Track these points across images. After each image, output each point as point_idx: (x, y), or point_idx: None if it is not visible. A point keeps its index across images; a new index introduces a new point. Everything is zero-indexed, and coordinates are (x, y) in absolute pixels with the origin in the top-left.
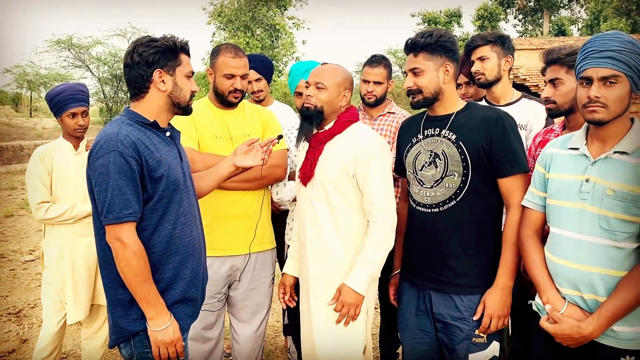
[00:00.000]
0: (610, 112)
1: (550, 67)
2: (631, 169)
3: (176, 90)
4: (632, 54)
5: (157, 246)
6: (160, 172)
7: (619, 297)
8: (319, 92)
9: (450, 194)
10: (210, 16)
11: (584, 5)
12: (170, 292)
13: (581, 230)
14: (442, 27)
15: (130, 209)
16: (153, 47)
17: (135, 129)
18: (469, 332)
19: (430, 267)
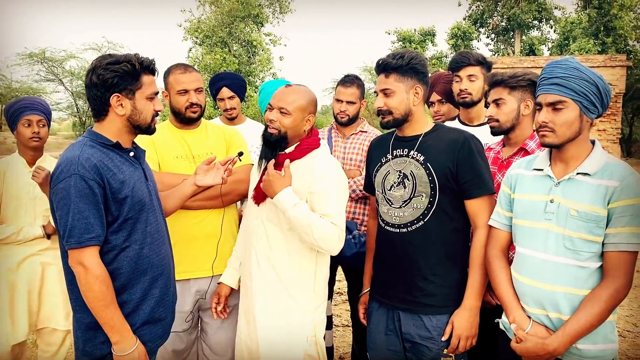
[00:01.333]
0: (559, 136)
1: (494, 88)
2: (593, 190)
3: (135, 114)
4: (577, 79)
5: (125, 267)
6: (124, 193)
7: (582, 315)
8: (282, 117)
9: (418, 214)
10: (187, 32)
11: (554, 26)
12: (139, 313)
13: (546, 250)
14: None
15: (92, 232)
16: (111, 70)
17: (97, 150)
18: (438, 352)
19: (398, 286)
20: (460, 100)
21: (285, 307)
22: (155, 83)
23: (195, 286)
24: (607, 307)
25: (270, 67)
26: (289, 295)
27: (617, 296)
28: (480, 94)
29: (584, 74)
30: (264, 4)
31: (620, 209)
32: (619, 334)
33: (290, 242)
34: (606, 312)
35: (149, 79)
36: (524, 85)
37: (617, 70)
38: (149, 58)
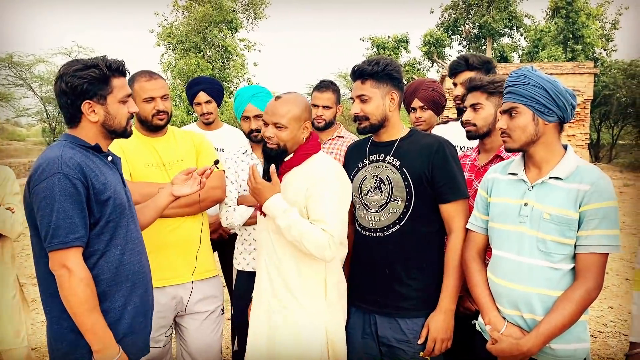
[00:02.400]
0: (516, 140)
1: (471, 93)
2: (565, 193)
3: (109, 119)
4: (525, 85)
5: (106, 273)
6: (107, 195)
7: (555, 316)
8: (279, 132)
9: (394, 218)
10: (159, 37)
11: (524, 34)
12: (121, 322)
13: (520, 253)
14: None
15: (77, 233)
16: (79, 77)
17: (78, 152)
18: (414, 355)
19: (375, 290)
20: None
21: (294, 316)
22: (127, 85)
23: (171, 293)
24: (579, 307)
25: (244, 73)
26: (298, 303)
27: (589, 297)
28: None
29: (532, 79)
30: (238, 9)
31: (591, 212)
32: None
33: (297, 252)
34: (578, 312)
35: (119, 82)
36: (502, 92)
37: (585, 77)
38: (117, 59)
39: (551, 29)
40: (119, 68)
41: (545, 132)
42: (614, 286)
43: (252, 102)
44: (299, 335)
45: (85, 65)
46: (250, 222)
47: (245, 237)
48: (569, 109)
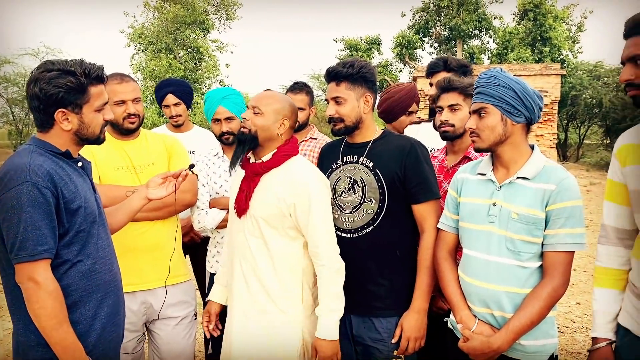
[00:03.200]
0: (484, 140)
1: (448, 93)
2: (532, 193)
3: (83, 128)
4: (494, 86)
5: (77, 283)
6: (77, 204)
7: (524, 313)
8: (255, 117)
9: (368, 219)
10: (130, 38)
11: (493, 36)
12: (91, 333)
13: (489, 252)
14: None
15: (45, 244)
16: (55, 85)
17: (47, 158)
18: (388, 354)
19: (350, 291)
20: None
21: (273, 321)
22: (104, 92)
23: (141, 298)
24: (546, 304)
25: (217, 74)
26: (277, 308)
27: (556, 294)
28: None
29: (501, 80)
30: (209, 10)
31: (557, 211)
32: (558, 329)
33: (274, 255)
34: (546, 309)
35: (97, 90)
36: None
37: (552, 78)
38: (96, 65)
39: (519, 31)
40: (98, 75)
41: (513, 133)
42: (582, 282)
43: (223, 105)
44: (275, 340)
45: (62, 71)
46: (223, 224)
47: (218, 240)
48: (536, 110)
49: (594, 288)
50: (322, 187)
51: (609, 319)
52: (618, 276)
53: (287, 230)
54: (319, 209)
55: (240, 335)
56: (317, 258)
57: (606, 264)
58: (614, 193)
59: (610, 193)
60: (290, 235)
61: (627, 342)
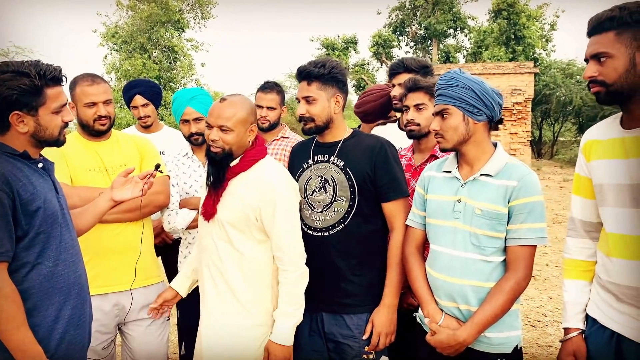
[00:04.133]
0: (448, 140)
1: (414, 92)
2: (495, 189)
3: (39, 131)
4: (454, 87)
5: (37, 286)
6: (36, 205)
7: (488, 306)
8: (224, 135)
9: (339, 217)
10: (103, 37)
11: (468, 35)
12: (53, 337)
13: (455, 247)
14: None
15: (2, 248)
16: (8, 87)
17: (3, 160)
18: (359, 350)
19: (321, 288)
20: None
21: (241, 323)
22: (62, 94)
23: (113, 300)
24: (509, 297)
25: (192, 74)
26: (245, 310)
27: (518, 287)
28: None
29: (460, 81)
30: (184, 9)
31: (518, 207)
32: (530, 324)
33: (242, 259)
34: (509, 302)
35: (54, 92)
36: None
37: (525, 76)
38: (52, 66)
39: (494, 30)
40: (55, 77)
41: (475, 131)
42: (554, 277)
43: (191, 105)
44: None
45: (16, 72)
46: (193, 225)
47: (190, 240)
48: (496, 107)
49: (564, 279)
50: (289, 190)
51: (579, 310)
52: (586, 267)
53: (255, 233)
54: (284, 213)
55: (210, 337)
56: (280, 262)
57: (574, 256)
58: (581, 187)
59: (577, 187)
60: (258, 238)
61: (594, 331)
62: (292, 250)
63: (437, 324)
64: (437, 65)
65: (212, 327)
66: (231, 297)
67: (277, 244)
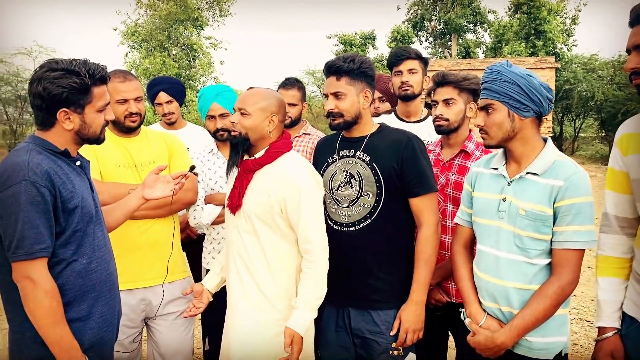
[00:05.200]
0: (492, 137)
1: (443, 87)
2: (540, 189)
3: (84, 128)
4: (499, 82)
5: (72, 282)
6: (74, 203)
7: (528, 311)
8: (242, 119)
9: (365, 213)
10: (123, 36)
11: (487, 29)
12: (87, 333)
13: (498, 247)
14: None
15: (43, 243)
16: (58, 85)
17: (45, 157)
18: (387, 346)
19: (347, 284)
20: (402, 93)
21: (267, 317)
22: (106, 93)
23: (140, 295)
24: (552, 303)
25: (211, 71)
26: (271, 305)
27: (562, 292)
28: (419, 88)
29: (505, 75)
30: (203, 7)
31: (564, 208)
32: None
33: (268, 252)
34: (551, 307)
35: (100, 90)
36: (471, 89)
37: (546, 71)
38: (100, 66)
39: (514, 25)
40: (102, 76)
41: (522, 128)
42: None
43: (217, 101)
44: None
45: (66, 71)
46: (218, 220)
47: (214, 236)
48: (545, 102)
49: (598, 277)
50: (313, 183)
51: (615, 308)
52: (621, 264)
53: (280, 227)
54: (309, 205)
55: (237, 332)
56: (308, 254)
57: (609, 253)
58: (615, 182)
59: (612, 182)
60: (283, 232)
61: (632, 330)
62: (320, 242)
63: (478, 325)
64: (456, 61)
65: (238, 321)
66: (257, 292)
67: (304, 236)
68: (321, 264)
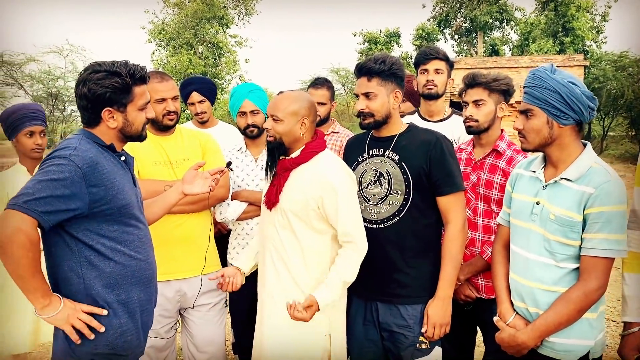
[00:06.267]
0: (530, 142)
1: (473, 89)
2: (572, 195)
3: (127, 126)
4: (541, 89)
5: (118, 271)
6: (116, 196)
7: (551, 313)
8: (275, 125)
9: (393, 210)
10: (150, 34)
11: (514, 27)
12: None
13: (529, 249)
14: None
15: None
16: (102, 85)
17: (92, 147)
18: (414, 339)
19: (375, 279)
20: (426, 91)
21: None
22: (146, 92)
23: (175, 287)
24: (576, 307)
25: (236, 70)
26: (304, 295)
27: (586, 299)
28: (444, 88)
29: (547, 82)
30: (229, 5)
31: (594, 215)
32: None
33: (304, 247)
34: (575, 312)
35: (140, 90)
36: (502, 90)
37: (574, 70)
38: (139, 66)
39: (541, 22)
40: (142, 76)
41: (560, 135)
42: None
43: (249, 98)
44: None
45: (108, 72)
46: (244, 217)
47: (239, 231)
48: (586, 111)
49: (624, 273)
50: (348, 180)
51: None
52: None
53: (315, 223)
54: (346, 201)
55: (272, 320)
56: (347, 237)
57: (635, 249)
58: None
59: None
60: (318, 228)
61: None
62: (360, 234)
63: (506, 323)
64: (482, 59)
65: (273, 309)
66: (292, 284)
67: (344, 231)
68: (359, 252)
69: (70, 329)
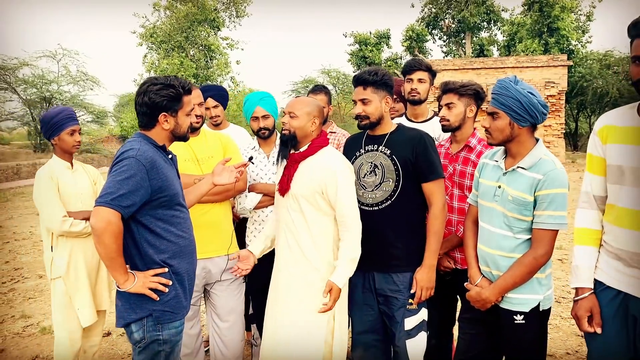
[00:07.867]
0: (494, 138)
1: (446, 94)
2: (525, 180)
3: (177, 128)
4: (505, 96)
5: (173, 246)
6: (167, 185)
7: (508, 274)
8: (292, 120)
9: (386, 195)
10: (142, 37)
11: (501, 27)
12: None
13: (492, 224)
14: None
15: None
16: (161, 95)
17: (150, 147)
18: (404, 301)
19: (372, 253)
20: (411, 97)
21: (309, 279)
22: (191, 101)
23: (202, 265)
24: (528, 269)
25: (228, 71)
26: (313, 266)
27: (535, 262)
28: (426, 94)
29: (511, 92)
30: (220, 8)
31: (542, 197)
32: (556, 300)
33: (311, 225)
34: (526, 273)
35: (187, 99)
36: (470, 94)
37: (559, 69)
38: (186, 80)
39: (527, 22)
40: (189, 88)
41: (519, 134)
42: None
43: (260, 105)
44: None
45: (164, 85)
46: (259, 206)
47: (255, 218)
48: (540, 116)
49: (575, 246)
50: (347, 170)
51: (590, 272)
52: (595, 235)
53: (321, 205)
54: (344, 188)
55: (285, 288)
56: (344, 225)
57: (585, 225)
58: (594, 165)
59: (591, 166)
60: (324, 210)
61: (600, 292)
62: (354, 216)
63: (474, 284)
64: (469, 60)
65: (288, 279)
66: (302, 257)
67: (341, 212)
68: (355, 231)
69: (149, 292)
